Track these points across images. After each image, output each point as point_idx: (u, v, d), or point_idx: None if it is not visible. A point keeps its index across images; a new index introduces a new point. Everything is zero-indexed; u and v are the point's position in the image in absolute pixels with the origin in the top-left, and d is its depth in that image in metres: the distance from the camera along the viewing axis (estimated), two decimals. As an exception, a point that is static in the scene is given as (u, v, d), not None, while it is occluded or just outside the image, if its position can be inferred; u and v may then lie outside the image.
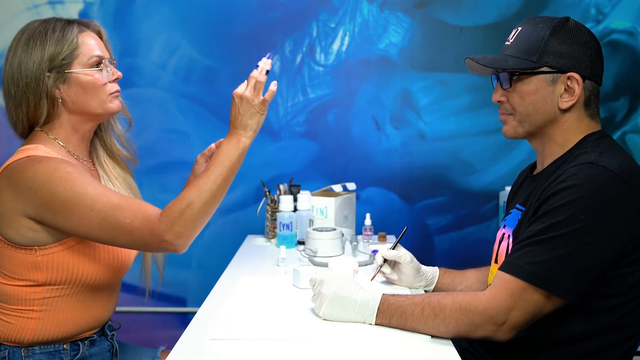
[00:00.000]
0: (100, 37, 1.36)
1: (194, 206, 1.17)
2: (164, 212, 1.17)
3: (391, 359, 1.07)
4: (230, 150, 1.25)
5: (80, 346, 1.34)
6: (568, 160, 1.20)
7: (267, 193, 2.15)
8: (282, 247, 1.77)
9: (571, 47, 1.20)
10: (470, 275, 1.50)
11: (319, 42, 2.35)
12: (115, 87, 1.34)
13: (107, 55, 1.34)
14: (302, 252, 1.84)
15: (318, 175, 2.38)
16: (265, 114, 1.28)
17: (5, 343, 1.29)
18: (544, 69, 1.21)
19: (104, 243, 1.21)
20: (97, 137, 1.43)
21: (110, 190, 1.21)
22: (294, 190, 2.16)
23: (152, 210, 1.17)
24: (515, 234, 1.26)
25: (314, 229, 1.87)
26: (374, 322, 1.20)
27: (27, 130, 1.32)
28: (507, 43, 1.27)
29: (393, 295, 1.22)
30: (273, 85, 1.30)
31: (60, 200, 1.16)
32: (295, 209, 2.05)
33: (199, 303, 1.40)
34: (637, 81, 2.33)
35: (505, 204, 1.55)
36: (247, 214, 2.36)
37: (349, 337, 1.15)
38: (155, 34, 2.32)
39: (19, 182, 1.19)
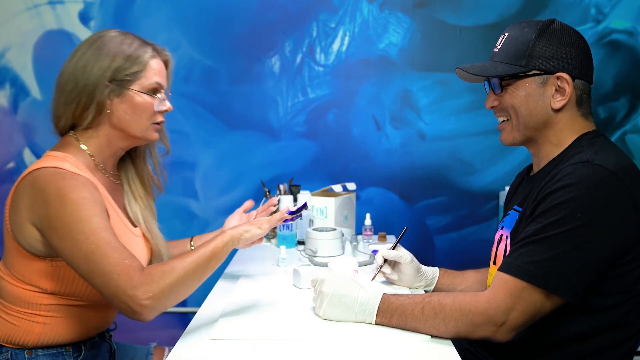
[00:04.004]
0: (166, 67, 1.38)
1: (175, 271, 1.15)
2: (147, 268, 1.14)
3: (391, 359, 1.07)
4: (218, 238, 1.25)
5: (82, 348, 1.34)
6: (564, 160, 1.20)
7: (267, 193, 2.16)
8: (282, 247, 1.77)
9: (558, 48, 1.21)
10: (470, 276, 1.50)
11: (319, 42, 2.35)
12: (160, 118, 1.36)
13: (165, 85, 1.37)
14: (302, 252, 1.84)
15: (318, 175, 2.38)
16: (261, 231, 1.32)
17: (7, 345, 1.29)
18: (533, 72, 1.21)
19: (81, 275, 1.16)
20: (130, 155, 1.44)
21: (111, 229, 1.17)
22: (294, 190, 2.16)
23: (138, 263, 1.14)
24: (512, 235, 1.26)
25: (314, 229, 1.87)
26: (374, 322, 1.20)
27: (67, 129, 1.33)
28: (495, 50, 1.28)
29: (393, 294, 1.22)
30: (283, 217, 1.37)
31: (63, 222, 1.15)
32: (295, 209, 2.05)
33: (199, 303, 1.40)
34: (637, 81, 2.33)
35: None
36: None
37: (349, 337, 1.15)
38: (155, 34, 2.32)
39: (38, 192, 1.19)
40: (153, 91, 1.32)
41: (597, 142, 1.20)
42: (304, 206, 1.42)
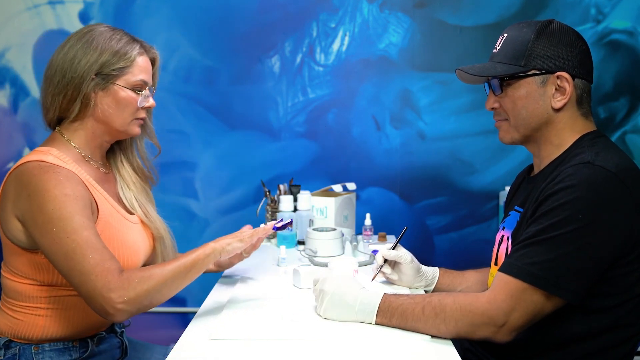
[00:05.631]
0: (153, 65, 1.40)
1: (153, 278, 1.17)
2: (126, 272, 1.16)
3: (391, 359, 1.07)
4: (200, 250, 1.28)
5: (89, 343, 1.35)
6: (565, 160, 1.20)
7: (267, 193, 2.16)
8: (282, 247, 1.77)
9: (557, 48, 1.21)
10: (470, 276, 1.50)
11: (319, 42, 2.35)
12: (143, 114, 1.37)
13: (150, 83, 1.38)
14: (302, 252, 1.84)
15: (318, 175, 2.38)
16: (243, 244, 1.34)
17: (15, 340, 1.30)
18: (533, 71, 1.21)
19: (60, 271, 1.18)
20: (118, 145, 1.45)
21: (94, 229, 1.19)
22: (294, 190, 2.16)
23: (118, 266, 1.16)
24: (514, 235, 1.26)
25: (314, 229, 1.87)
26: (374, 322, 1.20)
27: (55, 121, 1.34)
28: (494, 51, 1.28)
29: (394, 294, 1.22)
30: (266, 230, 1.41)
31: (45, 217, 1.16)
32: (295, 209, 2.05)
33: (199, 303, 1.40)
34: (637, 81, 2.33)
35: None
36: (247, 214, 2.36)
37: (349, 337, 1.15)
38: (155, 34, 2.32)
39: (22, 185, 1.21)
40: (138, 88, 1.34)
41: (598, 142, 1.20)
42: (290, 223, 1.47)
